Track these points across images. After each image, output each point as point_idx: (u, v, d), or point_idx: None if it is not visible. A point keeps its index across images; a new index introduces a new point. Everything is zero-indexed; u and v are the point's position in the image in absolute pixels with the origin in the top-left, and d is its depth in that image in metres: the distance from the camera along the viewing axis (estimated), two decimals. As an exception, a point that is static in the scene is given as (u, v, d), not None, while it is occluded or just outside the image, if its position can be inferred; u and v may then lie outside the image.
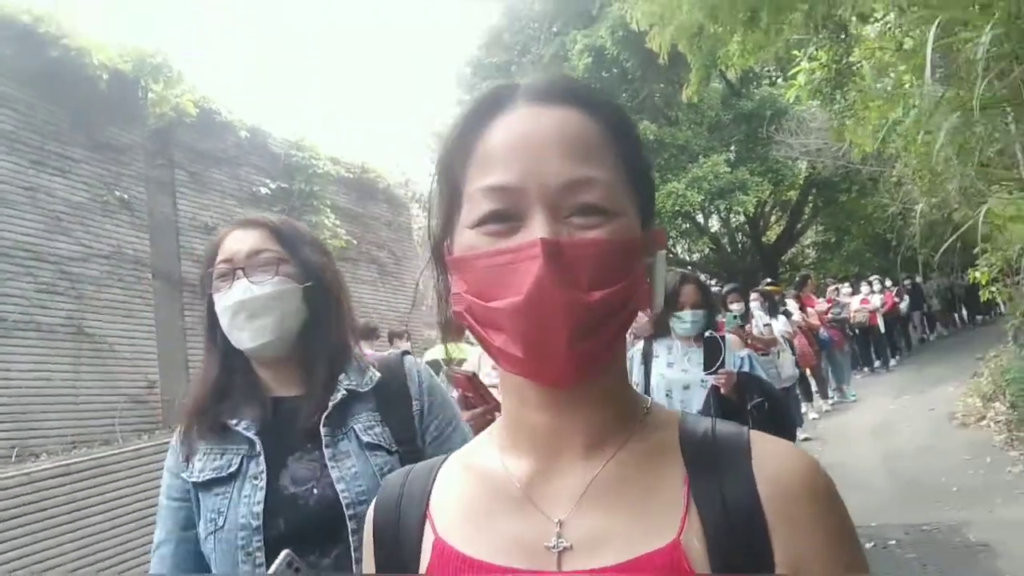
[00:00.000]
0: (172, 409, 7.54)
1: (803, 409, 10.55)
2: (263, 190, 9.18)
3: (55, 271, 6.71)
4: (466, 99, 18.96)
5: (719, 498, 0.75)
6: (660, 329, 4.17)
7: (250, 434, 1.60)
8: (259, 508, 1.52)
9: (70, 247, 6.88)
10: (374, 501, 0.93)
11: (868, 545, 5.55)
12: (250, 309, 1.60)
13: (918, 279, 18.48)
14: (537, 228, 0.72)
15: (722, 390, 3.55)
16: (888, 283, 16.88)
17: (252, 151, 9.14)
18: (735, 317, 5.99)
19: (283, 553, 1.23)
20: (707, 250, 22.97)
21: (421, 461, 0.96)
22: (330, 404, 1.62)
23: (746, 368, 3.80)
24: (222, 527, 1.53)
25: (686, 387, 3.95)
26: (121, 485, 6.24)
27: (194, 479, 1.60)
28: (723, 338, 3.63)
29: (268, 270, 1.64)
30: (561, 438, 0.80)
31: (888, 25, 6.26)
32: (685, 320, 3.94)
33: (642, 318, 3.73)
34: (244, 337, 1.62)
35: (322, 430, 1.59)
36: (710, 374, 3.60)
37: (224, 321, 1.64)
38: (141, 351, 7.44)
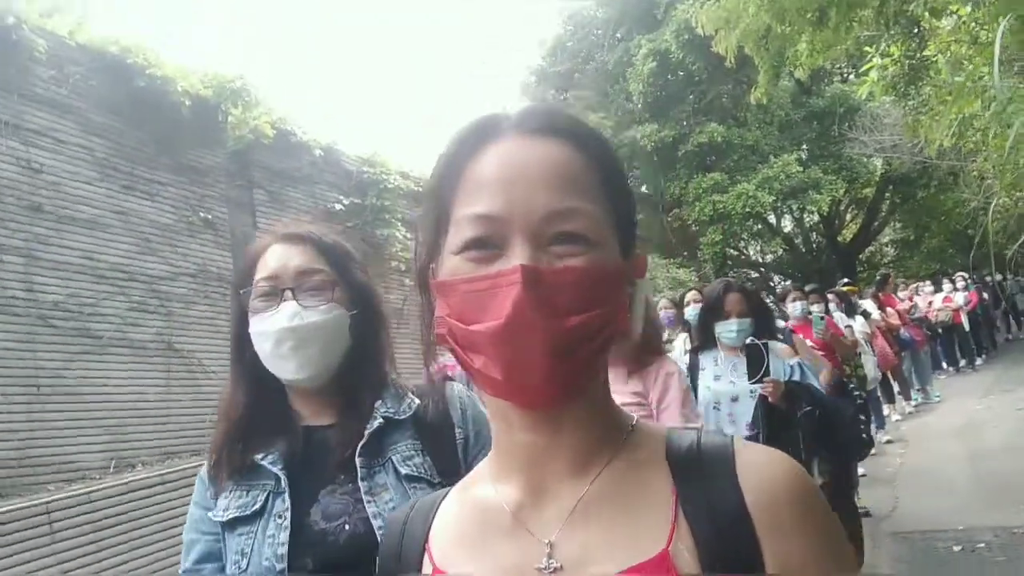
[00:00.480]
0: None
1: (885, 411, 10.31)
2: (337, 206, 9.43)
3: (146, 290, 7.03)
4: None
5: (706, 507, 0.76)
6: (705, 341, 4.05)
7: (276, 469, 1.48)
8: (283, 550, 1.41)
9: (159, 266, 7.21)
10: (382, 536, 0.97)
11: (956, 549, 5.43)
12: (298, 337, 1.46)
13: (998, 276, 17.86)
14: (518, 255, 0.74)
15: (770, 399, 3.45)
16: (971, 280, 16.31)
17: (326, 168, 9.41)
18: (821, 318, 5.87)
19: None
20: (780, 251, 22.58)
21: None
22: (366, 433, 1.49)
23: (796, 377, 3.67)
24: (245, 570, 1.44)
25: (734, 399, 3.81)
26: (212, 494, 6.50)
27: (219, 518, 1.50)
28: (766, 345, 3.56)
29: (320, 295, 1.50)
30: (547, 459, 0.82)
31: (962, 19, 6.13)
32: (731, 329, 3.82)
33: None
34: (287, 367, 1.49)
35: (357, 461, 1.47)
36: (755, 383, 3.50)
37: (264, 347, 1.49)
38: (227, 365, 7.69)
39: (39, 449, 5.94)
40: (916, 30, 7.64)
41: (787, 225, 22.80)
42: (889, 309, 11.16)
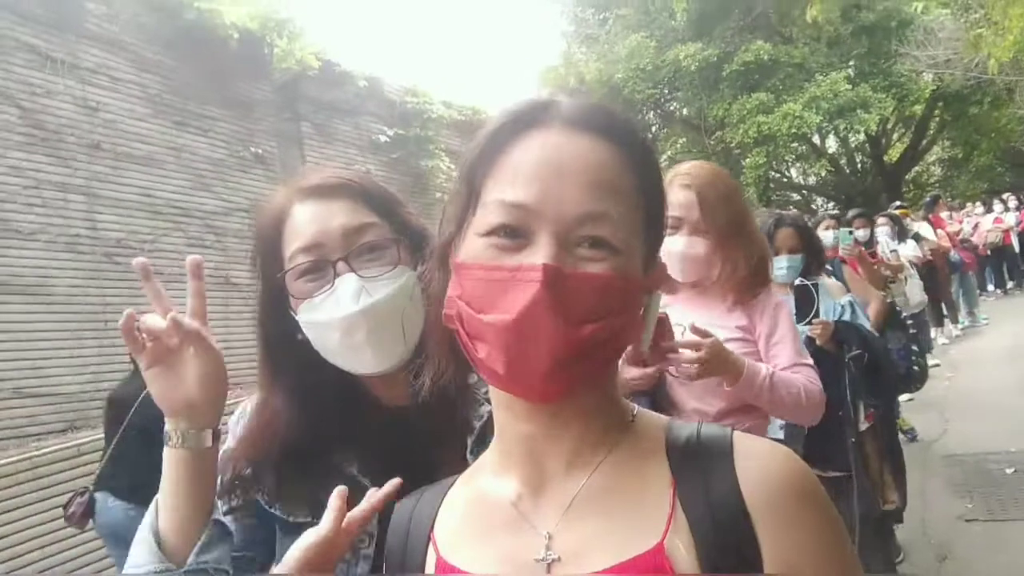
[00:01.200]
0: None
1: (932, 334, 10.24)
2: (382, 138, 9.44)
3: (202, 225, 7.18)
4: (571, 31, 18.70)
5: (704, 500, 0.75)
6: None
7: (365, 480, 1.14)
8: None
9: (213, 202, 7.33)
10: (389, 525, 0.95)
11: (1009, 471, 5.47)
12: (372, 320, 1.13)
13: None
14: (543, 252, 0.72)
15: (818, 341, 3.29)
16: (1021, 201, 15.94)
17: (370, 99, 9.38)
18: (849, 233, 5.46)
19: None
20: (824, 173, 22.15)
21: None
22: (476, 424, 1.20)
23: (846, 316, 3.52)
24: None
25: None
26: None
27: (279, 512, 1.21)
28: (815, 286, 3.41)
29: (380, 256, 1.17)
30: (547, 450, 0.81)
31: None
32: (781, 266, 3.60)
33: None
34: (364, 361, 1.17)
35: (470, 459, 1.13)
36: (803, 324, 3.30)
37: (327, 341, 1.17)
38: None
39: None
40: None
41: (831, 146, 22.31)
42: (939, 231, 10.97)
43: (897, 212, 8.91)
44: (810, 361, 2.21)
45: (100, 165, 6.35)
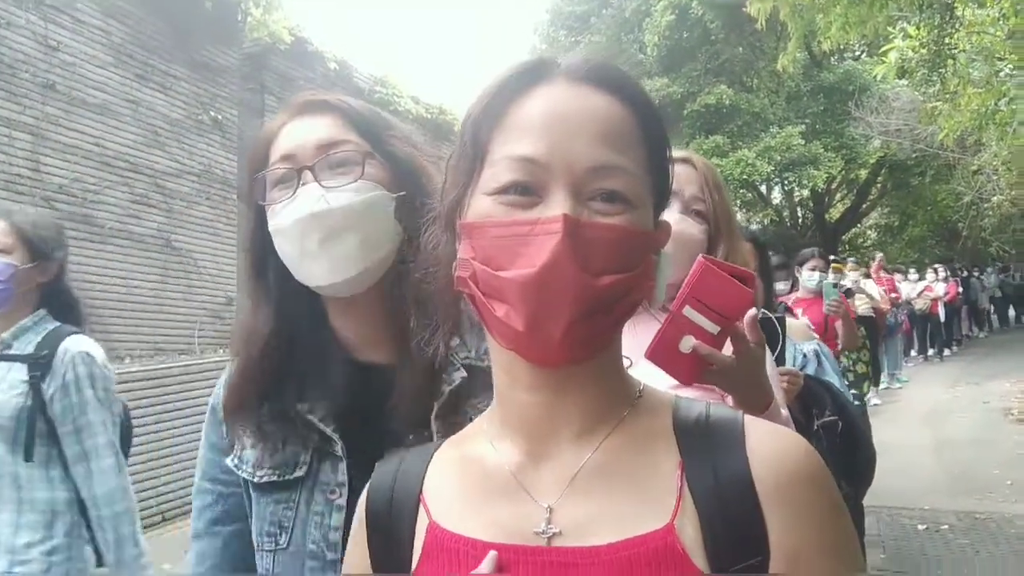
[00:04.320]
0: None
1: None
2: (345, 122, 9.34)
3: (150, 184, 6.95)
4: (543, 48, 18.85)
5: (713, 483, 0.74)
6: None
7: (328, 429, 1.17)
8: (337, 536, 1.14)
9: (164, 161, 7.11)
10: (368, 483, 0.91)
11: (921, 527, 5.63)
12: (325, 227, 1.12)
13: (975, 272, 18.16)
14: (558, 205, 0.71)
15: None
16: (949, 273, 16.64)
17: (338, 82, 9.25)
18: (834, 286, 4.85)
19: None
20: (768, 222, 22.73)
21: None
22: (446, 390, 1.17)
23: (810, 368, 2.75)
24: (285, 547, 1.17)
25: None
26: (202, 393, 6.55)
27: (245, 474, 1.21)
28: (781, 320, 2.50)
29: (348, 170, 1.16)
30: (551, 421, 0.79)
31: (1003, 11, 6.12)
32: None
33: None
34: (317, 270, 1.15)
35: (434, 424, 1.15)
36: None
37: (285, 247, 1.16)
38: (222, 268, 7.71)
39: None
40: (949, 16, 7.62)
41: (776, 197, 22.92)
42: (881, 291, 11.30)
43: (834, 266, 8.96)
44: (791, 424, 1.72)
45: (52, 107, 6.10)
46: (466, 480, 0.84)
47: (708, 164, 1.79)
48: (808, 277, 5.10)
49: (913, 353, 15.46)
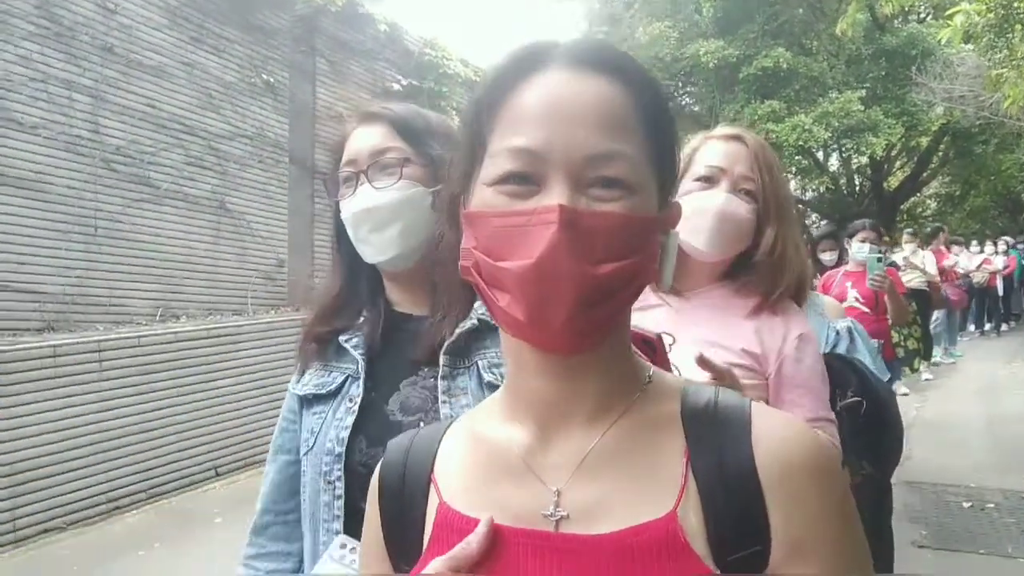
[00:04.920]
0: (297, 289, 7.98)
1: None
2: (395, 86, 9.35)
3: (204, 146, 7.08)
4: (596, 8, 18.56)
5: (717, 472, 0.74)
6: None
7: (357, 353, 1.49)
8: (345, 434, 1.42)
9: (218, 124, 7.23)
10: (380, 462, 0.93)
11: (966, 505, 5.56)
12: (374, 219, 1.44)
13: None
14: (556, 194, 0.71)
15: None
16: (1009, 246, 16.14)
17: (388, 45, 9.27)
18: (878, 259, 4.63)
19: (338, 537, 1.34)
20: (823, 189, 22.24)
21: None
22: (456, 331, 1.43)
23: (842, 347, 2.64)
24: (312, 448, 1.46)
25: None
26: (252, 353, 6.72)
27: (298, 391, 1.55)
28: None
29: (392, 172, 1.45)
30: (560, 406, 0.80)
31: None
32: None
33: None
34: (368, 251, 1.47)
35: (442, 358, 1.43)
36: None
37: (349, 232, 1.49)
38: (274, 231, 7.85)
39: (92, 289, 6.11)
40: (1020, -21, 7.31)
41: (833, 164, 22.38)
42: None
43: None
44: (833, 416, 1.74)
45: (110, 69, 6.23)
46: (476, 461, 0.85)
47: (761, 142, 1.75)
48: (858, 249, 4.99)
49: (970, 328, 15.13)
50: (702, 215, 1.63)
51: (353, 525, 1.33)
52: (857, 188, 22.62)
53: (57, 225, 5.83)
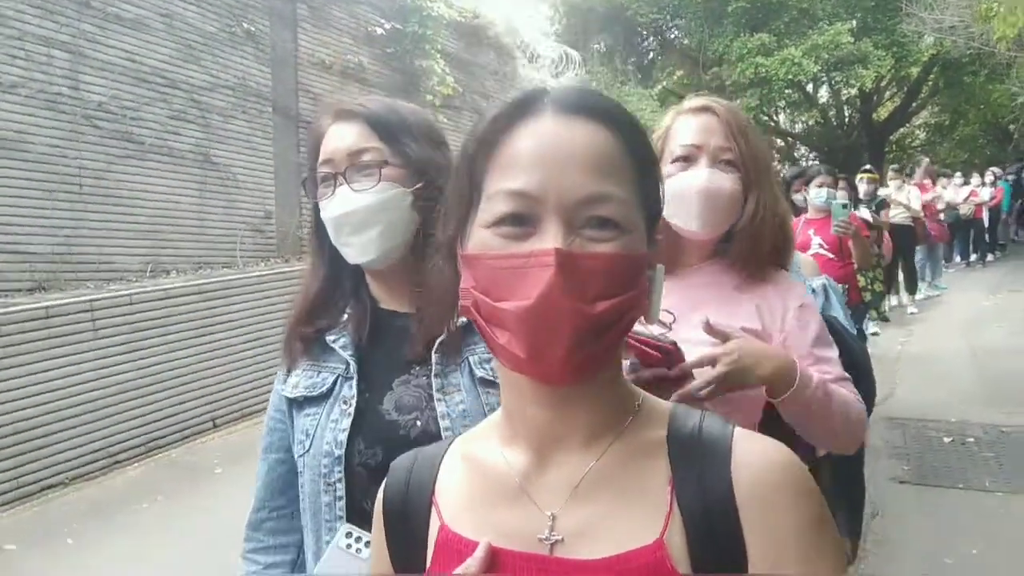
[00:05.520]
0: (286, 240, 7.99)
1: (893, 300, 10.44)
2: (378, 30, 9.20)
3: (186, 99, 7.00)
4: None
5: (699, 498, 0.78)
6: None
7: (346, 354, 1.48)
8: (343, 436, 1.42)
9: (200, 76, 7.13)
10: (384, 483, 0.97)
11: (946, 440, 5.70)
12: (353, 222, 1.42)
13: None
14: (551, 237, 0.75)
15: None
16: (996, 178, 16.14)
17: (370, -14, 9.12)
18: (843, 206, 4.65)
19: (343, 527, 1.37)
20: (812, 122, 22.12)
21: None
22: (445, 331, 1.43)
23: (818, 304, 2.52)
24: (308, 451, 1.46)
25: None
26: (245, 306, 6.77)
27: (287, 394, 1.53)
28: None
29: (370, 174, 1.43)
30: (556, 433, 0.83)
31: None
32: None
33: None
34: (350, 253, 1.46)
35: (433, 357, 1.44)
36: None
37: (331, 233, 1.47)
38: (260, 182, 7.81)
39: (80, 248, 6.11)
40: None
41: (822, 96, 22.22)
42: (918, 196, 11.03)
43: (865, 175, 8.49)
44: (847, 374, 1.70)
45: (88, 23, 6.12)
46: (475, 484, 0.89)
47: (731, 108, 1.72)
48: (816, 195, 4.94)
49: (956, 259, 15.25)
50: (688, 196, 1.63)
51: (355, 523, 1.37)
52: (846, 120, 22.53)
53: (42, 185, 5.79)
